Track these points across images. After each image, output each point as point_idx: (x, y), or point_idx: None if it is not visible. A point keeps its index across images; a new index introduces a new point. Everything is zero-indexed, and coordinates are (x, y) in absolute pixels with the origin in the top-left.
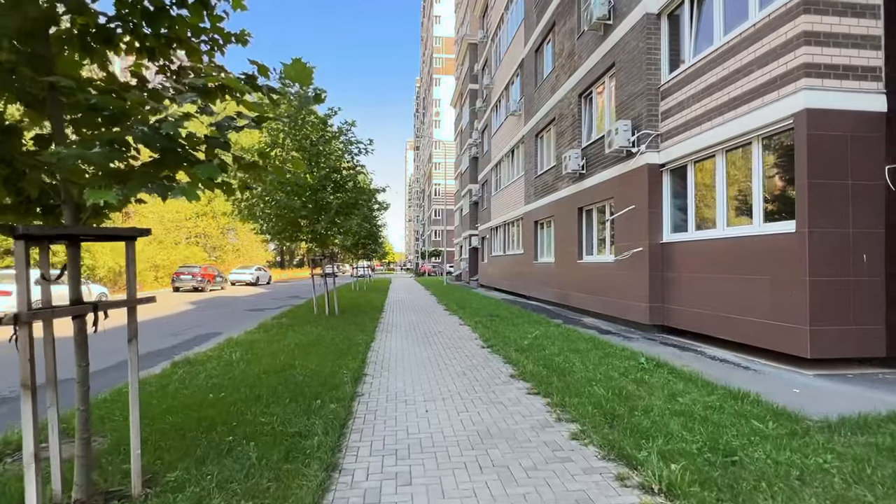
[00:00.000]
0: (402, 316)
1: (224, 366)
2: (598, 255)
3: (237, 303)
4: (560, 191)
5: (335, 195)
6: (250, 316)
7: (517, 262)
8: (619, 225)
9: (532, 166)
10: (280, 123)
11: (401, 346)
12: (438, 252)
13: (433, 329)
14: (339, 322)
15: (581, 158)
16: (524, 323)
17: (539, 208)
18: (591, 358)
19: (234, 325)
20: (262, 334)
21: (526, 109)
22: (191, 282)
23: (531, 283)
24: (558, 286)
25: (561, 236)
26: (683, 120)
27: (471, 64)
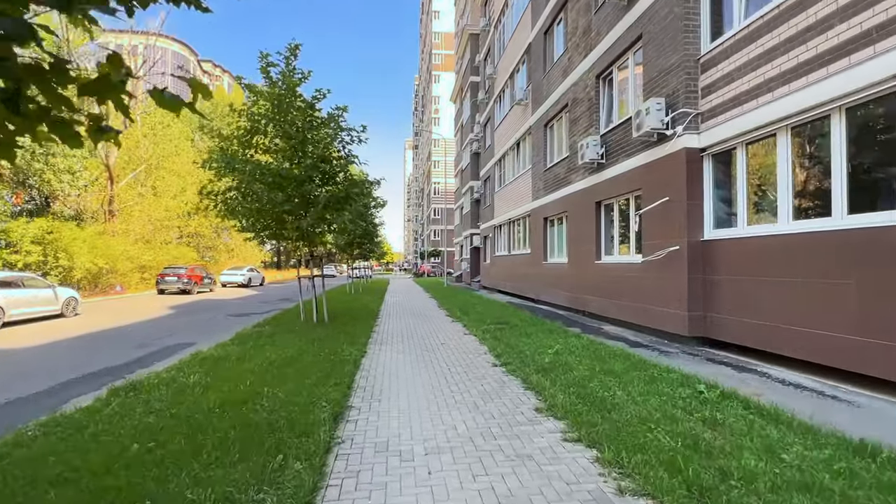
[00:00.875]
0: (399, 323)
1: (174, 394)
2: (620, 255)
3: (222, 307)
4: (574, 184)
5: (324, 188)
6: (232, 323)
7: (524, 263)
8: (649, 220)
9: (541, 158)
10: (262, 108)
11: (397, 363)
12: (438, 252)
13: (435, 340)
14: (327, 331)
15: (600, 146)
16: (538, 332)
17: (549, 204)
18: (634, 382)
19: (210, 334)
20: (236, 348)
21: (533, 98)
22: (176, 283)
23: (540, 286)
24: (572, 289)
25: (575, 234)
26: (732, 94)
27: (472, 56)
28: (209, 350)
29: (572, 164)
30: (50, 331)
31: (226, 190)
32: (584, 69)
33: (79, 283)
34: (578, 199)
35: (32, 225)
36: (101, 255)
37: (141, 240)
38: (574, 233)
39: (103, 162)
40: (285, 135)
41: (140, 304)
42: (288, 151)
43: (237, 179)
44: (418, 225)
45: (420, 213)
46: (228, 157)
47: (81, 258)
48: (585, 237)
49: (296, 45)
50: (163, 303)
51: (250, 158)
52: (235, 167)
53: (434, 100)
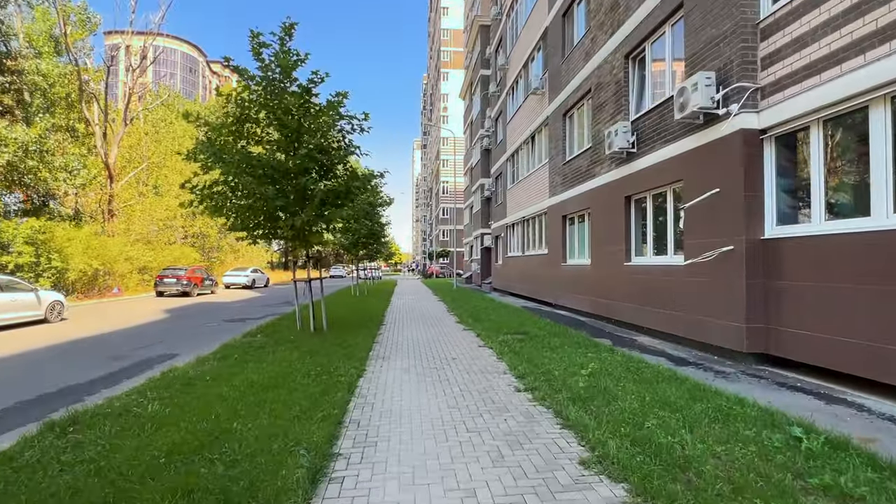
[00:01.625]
0: (405, 332)
1: (119, 432)
2: (656, 257)
3: (220, 311)
4: (599, 177)
5: (323, 181)
6: (224, 330)
7: (540, 265)
8: (693, 217)
9: (559, 151)
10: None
11: (400, 386)
12: (447, 252)
13: (445, 353)
14: (323, 342)
15: (630, 134)
16: (564, 345)
17: (569, 200)
18: (702, 421)
19: (197, 344)
20: (216, 363)
21: (550, 86)
22: (175, 285)
23: (558, 290)
24: (597, 294)
25: (600, 233)
26: (804, 62)
27: (482, 48)
28: (185, 366)
29: (597, 155)
30: (26, 338)
31: (212, 184)
32: (610, 49)
33: (73, 286)
34: (604, 194)
35: (24, 225)
36: (95, 255)
37: (142, 240)
38: (599, 232)
39: (103, 160)
40: (279, 123)
41: (135, 307)
42: (283, 142)
43: (224, 172)
44: (426, 225)
45: (428, 213)
46: (216, 148)
47: (75, 259)
48: (612, 236)
49: (291, 24)
50: (158, 306)
51: (240, 149)
52: (223, 158)
53: (443, 97)
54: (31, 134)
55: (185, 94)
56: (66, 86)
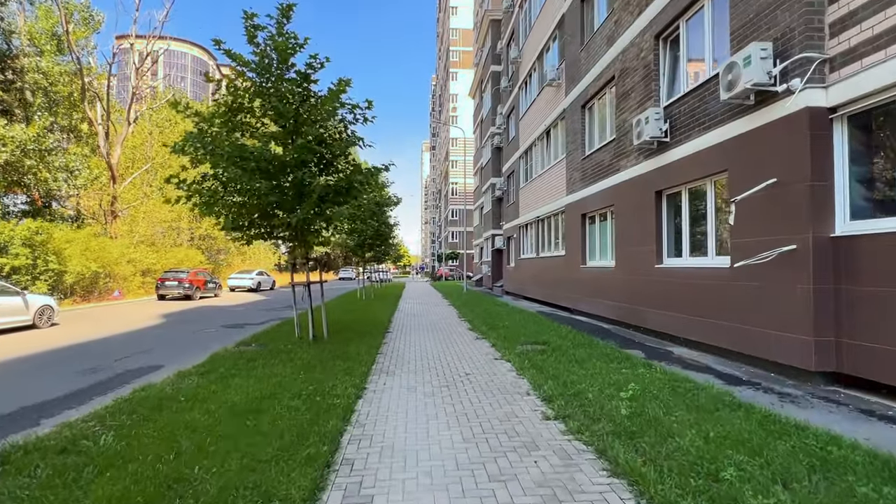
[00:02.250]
0: (412, 341)
1: (45, 481)
2: (693, 258)
3: (219, 315)
4: (624, 171)
5: (323, 176)
6: (220, 336)
7: (556, 267)
8: (743, 212)
9: (577, 146)
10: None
11: (405, 412)
12: (456, 255)
13: (457, 367)
14: (322, 353)
15: (663, 121)
16: (591, 357)
17: (589, 197)
18: (791, 468)
19: (185, 354)
20: (197, 380)
21: (568, 76)
22: (177, 288)
23: (577, 294)
24: (623, 299)
25: (626, 232)
26: (891, 23)
27: (493, 43)
28: (163, 383)
29: (621, 147)
30: (7, 346)
31: (200, 178)
32: (637, 31)
33: (71, 289)
34: (631, 190)
35: (21, 227)
36: (94, 258)
37: (146, 242)
38: (624, 231)
39: (105, 160)
40: (275, 111)
41: (133, 311)
42: (280, 134)
43: (213, 165)
44: (435, 227)
45: (437, 215)
46: (205, 140)
47: (73, 262)
48: (641, 236)
49: (289, 6)
50: (157, 310)
51: (232, 141)
52: (212, 150)
53: (452, 97)
54: (29, 133)
55: (195, 97)
56: (68, 85)
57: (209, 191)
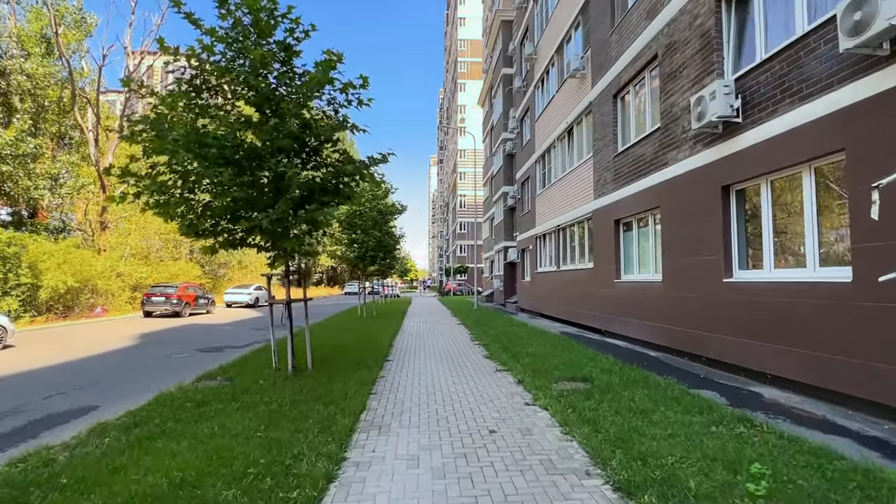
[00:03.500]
0: (416, 373)
1: None
2: (783, 270)
3: (202, 336)
4: (674, 165)
5: (306, 171)
6: (191, 363)
7: (582, 281)
8: (883, 206)
9: (608, 142)
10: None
11: None
12: (465, 269)
13: (477, 420)
14: (300, 392)
15: (734, 96)
16: (656, 403)
17: (625, 200)
18: None
19: (140, 387)
20: (109, 441)
21: (595, 64)
22: (164, 304)
23: (610, 313)
24: (675, 321)
25: (677, 239)
26: None
27: (504, 45)
28: (59, 446)
29: (670, 136)
30: None
31: (150, 169)
32: None
33: (47, 305)
34: (685, 187)
35: None
36: (74, 272)
37: (138, 255)
38: (675, 237)
39: (95, 168)
40: (246, 87)
41: (110, 330)
42: (255, 119)
43: (161, 151)
44: (443, 241)
45: (445, 229)
46: (161, 123)
47: (48, 276)
48: (700, 243)
49: None
50: (136, 329)
51: (189, 122)
52: (163, 135)
53: (460, 109)
54: (5, 137)
55: None
56: (57, 89)
57: (162, 185)
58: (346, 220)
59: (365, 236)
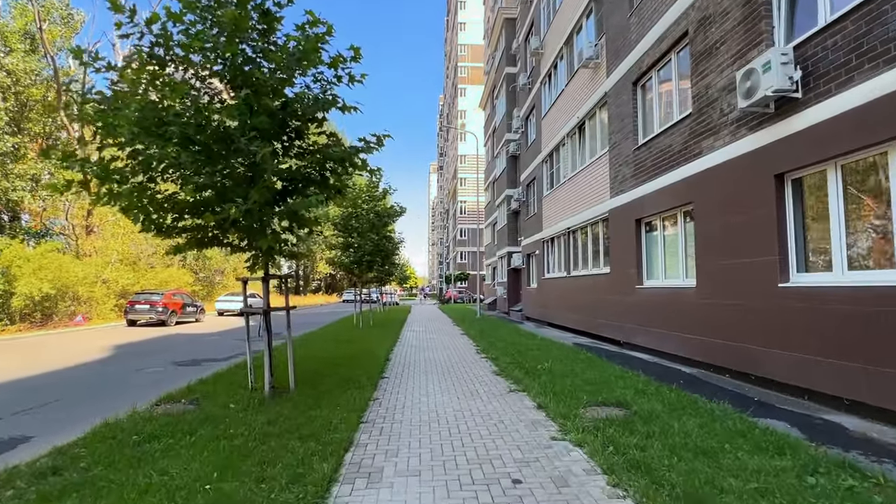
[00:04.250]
0: (416, 393)
1: None
2: (858, 272)
3: (183, 347)
4: (712, 153)
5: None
6: (162, 379)
7: (596, 288)
8: None
9: (627, 134)
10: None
11: None
12: (466, 276)
13: (494, 463)
14: (275, 421)
15: (792, 67)
16: (720, 440)
17: (649, 197)
18: None
19: (93, 410)
20: (7, 502)
21: (610, 51)
22: (149, 313)
23: (632, 322)
24: (714, 332)
25: (716, 238)
26: None
27: (507, 43)
28: None
29: (705, 122)
30: None
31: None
32: None
33: (22, 314)
34: (726, 178)
35: None
36: (51, 278)
37: (126, 260)
38: (713, 236)
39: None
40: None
41: (86, 341)
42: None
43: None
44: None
45: (445, 236)
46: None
47: (25, 280)
48: (746, 242)
49: None
50: (114, 340)
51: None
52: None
53: (461, 114)
54: None
55: None
56: (42, 88)
57: (115, 172)
58: (342, 223)
59: (361, 239)
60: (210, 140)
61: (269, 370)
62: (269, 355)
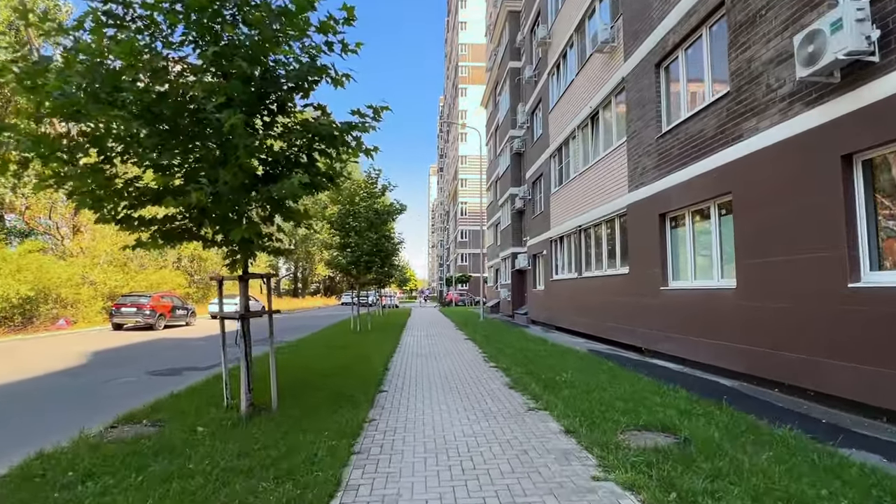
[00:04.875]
0: (418, 416)
1: None
2: None
3: (166, 353)
4: (756, 135)
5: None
6: (133, 392)
7: (613, 290)
8: None
9: (649, 121)
10: None
11: None
12: (468, 278)
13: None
14: (245, 452)
15: (871, 24)
16: (807, 479)
17: (676, 188)
18: None
19: (36, 434)
20: None
21: (628, 33)
22: (135, 316)
23: (656, 328)
24: (757, 340)
25: (762, 232)
26: None
27: (511, 37)
28: None
29: (747, 100)
30: None
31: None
32: None
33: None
34: (777, 162)
35: None
36: (29, 279)
37: (113, 263)
38: (759, 230)
39: None
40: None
41: (63, 346)
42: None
43: (68, 104)
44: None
45: (445, 237)
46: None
47: (2, 282)
48: (801, 236)
49: None
50: (92, 345)
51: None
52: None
53: (461, 114)
54: None
55: None
56: None
57: (59, 150)
58: (338, 221)
59: (359, 239)
60: (173, 111)
61: (245, 386)
62: (247, 368)
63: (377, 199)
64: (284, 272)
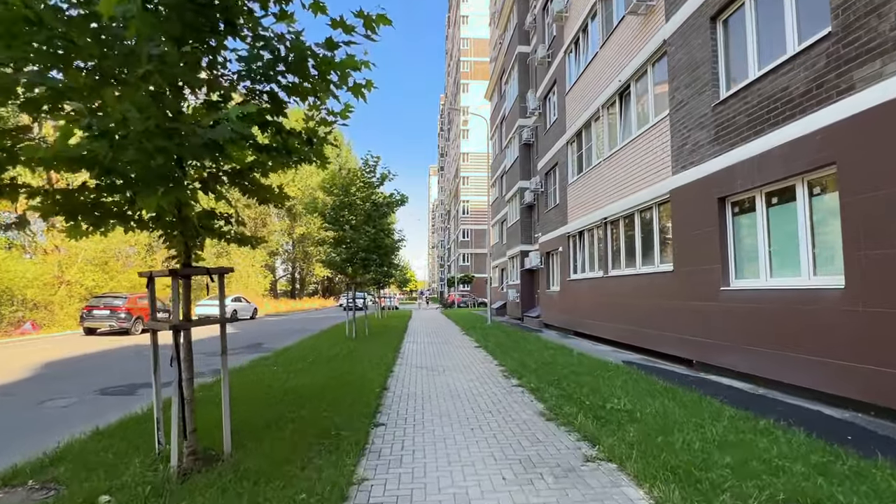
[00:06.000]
0: (431, 472)
1: None
2: None
3: (129, 364)
4: (875, 84)
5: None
6: (70, 416)
7: (651, 291)
8: None
9: (701, 87)
10: None
11: None
12: (471, 278)
13: None
14: None
15: None
16: None
17: (741, 165)
18: None
19: None
20: None
21: None
22: (108, 320)
23: (714, 337)
24: (875, 357)
25: (888, 216)
26: None
27: (520, 19)
28: None
29: (862, 39)
30: None
31: None
32: None
33: None
34: None
35: None
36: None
37: (94, 262)
38: (883, 212)
39: None
40: None
41: (14, 355)
42: None
43: None
44: (444, 250)
45: (446, 237)
46: None
47: None
48: None
49: None
50: (49, 354)
51: None
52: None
53: (463, 110)
54: None
55: None
56: None
57: None
58: (331, 214)
59: (355, 234)
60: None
61: (182, 431)
62: (181, 406)
63: (375, 190)
64: (282, 273)
